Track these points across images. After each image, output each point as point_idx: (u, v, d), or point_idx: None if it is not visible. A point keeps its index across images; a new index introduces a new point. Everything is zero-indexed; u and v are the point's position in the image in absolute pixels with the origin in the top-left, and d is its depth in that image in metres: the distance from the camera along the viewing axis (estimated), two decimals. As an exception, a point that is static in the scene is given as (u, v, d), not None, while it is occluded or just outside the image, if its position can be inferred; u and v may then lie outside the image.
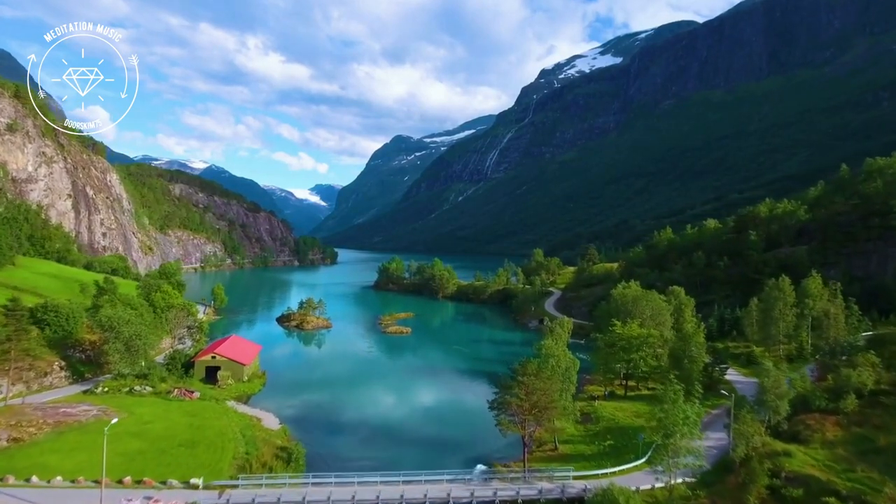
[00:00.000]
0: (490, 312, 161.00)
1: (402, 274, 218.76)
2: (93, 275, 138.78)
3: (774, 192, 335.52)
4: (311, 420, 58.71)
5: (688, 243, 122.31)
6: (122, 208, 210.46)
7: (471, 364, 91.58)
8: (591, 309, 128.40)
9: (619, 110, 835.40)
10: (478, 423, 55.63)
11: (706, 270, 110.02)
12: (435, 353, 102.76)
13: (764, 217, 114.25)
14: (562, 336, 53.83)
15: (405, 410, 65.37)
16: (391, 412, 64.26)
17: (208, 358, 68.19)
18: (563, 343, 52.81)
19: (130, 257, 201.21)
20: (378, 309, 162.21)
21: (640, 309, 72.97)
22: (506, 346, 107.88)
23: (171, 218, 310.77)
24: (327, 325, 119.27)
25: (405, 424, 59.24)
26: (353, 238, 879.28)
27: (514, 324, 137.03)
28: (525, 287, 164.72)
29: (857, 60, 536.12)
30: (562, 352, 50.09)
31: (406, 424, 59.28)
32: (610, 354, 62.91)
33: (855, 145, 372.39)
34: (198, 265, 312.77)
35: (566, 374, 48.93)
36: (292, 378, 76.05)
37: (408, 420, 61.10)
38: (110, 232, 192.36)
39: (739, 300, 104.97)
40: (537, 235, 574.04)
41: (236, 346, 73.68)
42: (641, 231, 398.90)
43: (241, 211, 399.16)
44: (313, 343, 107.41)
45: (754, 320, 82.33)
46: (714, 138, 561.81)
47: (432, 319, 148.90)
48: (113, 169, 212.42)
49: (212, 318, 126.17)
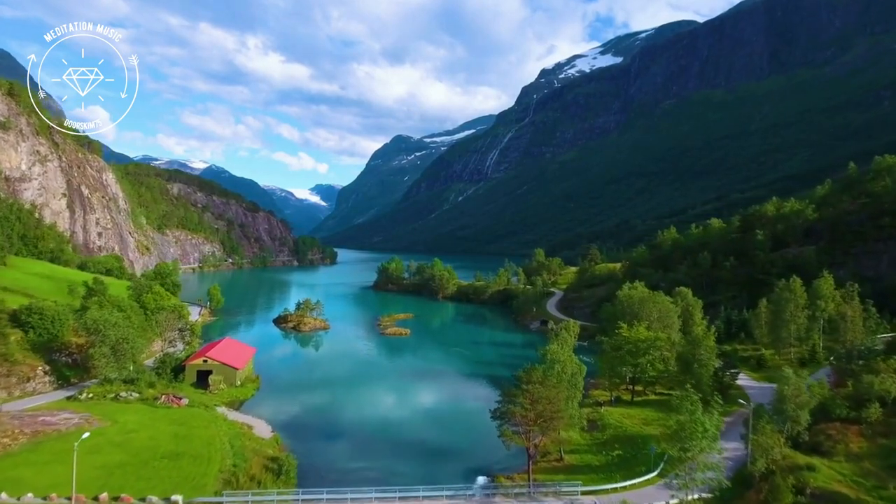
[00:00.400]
0: (490, 313, 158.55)
1: (401, 274, 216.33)
2: (86, 275, 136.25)
3: (776, 191, 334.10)
4: (305, 427, 56.14)
5: (692, 243, 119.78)
6: (118, 208, 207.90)
7: (471, 367, 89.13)
8: (594, 310, 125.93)
9: (619, 110, 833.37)
10: (479, 430, 53.09)
11: (712, 271, 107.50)
12: (434, 355, 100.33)
13: (771, 216, 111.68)
14: (568, 340, 50.90)
15: (403, 416, 62.85)
16: (389, 418, 61.75)
17: (199, 362, 65.66)
18: (570, 348, 50.05)
19: (127, 257, 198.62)
20: (377, 310, 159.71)
21: (646, 311, 70.35)
22: (507, 349, 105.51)
23: (169, 217, 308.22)
24: (325, 327, 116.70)
25: (403, 431, 56.71)
26: (353, 238, 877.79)
27: (515, 325, 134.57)
28: (526, 288, 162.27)
29: (858, 60, 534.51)
30: (568, 357, 47.45)
31: (404, 431, 56.74)
32: (616, 358, 60.33)
33: (856, 145, 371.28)
34: (196, 265, 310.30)
35: (573, 381, 46.41)
36: (287, 382, 73.47)
37: (406, 426, 58.57)
38: (106, 232, 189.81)
39: (746, 301, 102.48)
40: (537, 235, 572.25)
41: (229, 349, 71.10)
42: (642, 231, 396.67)
43: (239, 210, 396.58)
44: (310, 345, 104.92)
45: (763, 322, 79.80)
46: (715, 138, 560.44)
47: (432, 320, 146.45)
48: (109, 168, 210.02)
49: (207, 320, 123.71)
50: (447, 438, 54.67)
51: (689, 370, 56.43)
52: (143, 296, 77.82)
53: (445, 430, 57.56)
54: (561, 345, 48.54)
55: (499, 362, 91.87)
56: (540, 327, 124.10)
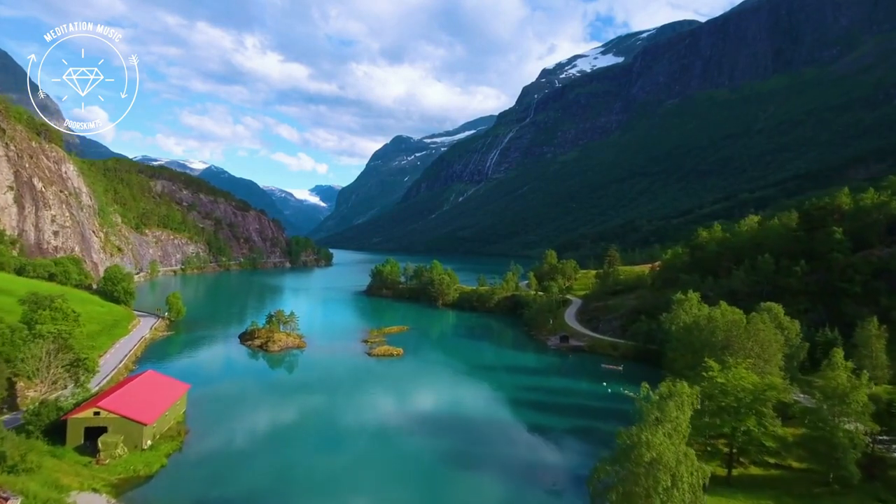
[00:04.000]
0: (498, 324, 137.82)
1: (397, 278, 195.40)
2: (25, 281, 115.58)
3: (788, 191, 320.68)
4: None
5: (744, 243, 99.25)
6: (80, 204, 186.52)
7: (483, 409, 68.08)
8: (625, 324, 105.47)
9: (621, 110, 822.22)
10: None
11: (775, 277, 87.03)
12: (433, 387, 79.14)
13: (848, 210, 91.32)
14: (681, 424, 27.19)
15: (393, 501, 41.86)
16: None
17: (88, 414, 44.54)
18: (682, 436, 26.87)
19: (89, 259, 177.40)
20: (367, 320, 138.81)
21: (738, 341, 49.12)
22: (526, 377, 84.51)
23: (148, 216, 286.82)
24: (299, 345, 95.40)
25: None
26: (353, 239, 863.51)
27: (529, 340, 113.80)
28: (538, 294, 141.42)
29: (866, 58, 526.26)
30: (679, 459, 24.66)
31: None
32: (711, 415, 39.58)
33: (868, 143, 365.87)
34: (178, 267, 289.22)
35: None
36: (224, 439, 51.50)
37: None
38: (64, 230, 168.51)
39: (824, 315, 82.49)
40: (539, 236, 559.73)
41: (141, 391, 49.90)
42: (648, 231, 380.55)
43: (228, 209, 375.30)
44: (276, 371, 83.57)
45: (874, 349, 59.42)
46: (719, 137, 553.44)
47: (430, 334, 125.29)
48: (69, 159, 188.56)
49: (159, 335, 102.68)
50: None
51: (825, 444, 36.05)
52: (38, 315, 56.63)
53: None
54: (669, 433, 25.62)
55: (522, 401, 70.98)
56: (560, 344, 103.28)
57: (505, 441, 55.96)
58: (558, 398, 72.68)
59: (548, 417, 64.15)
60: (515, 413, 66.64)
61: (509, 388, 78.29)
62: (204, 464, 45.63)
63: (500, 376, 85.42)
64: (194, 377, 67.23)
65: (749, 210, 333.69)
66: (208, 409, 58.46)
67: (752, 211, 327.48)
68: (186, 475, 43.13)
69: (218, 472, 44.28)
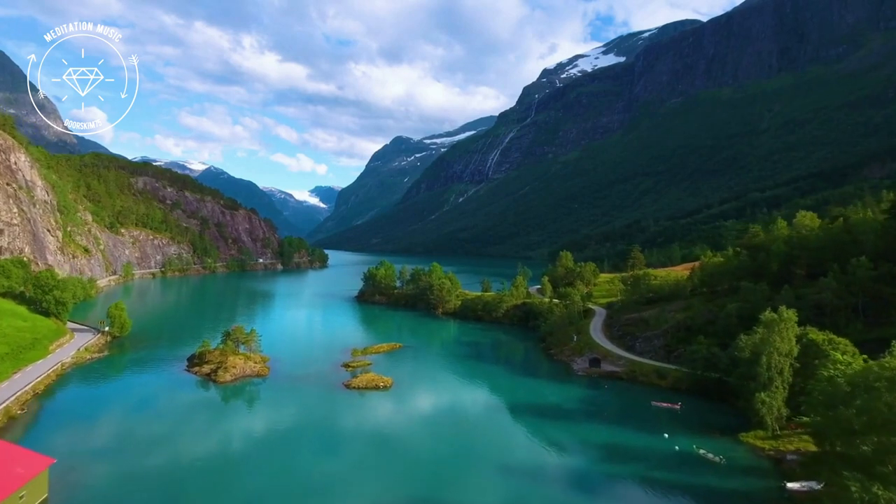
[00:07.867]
0: (508, 338, 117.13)
1: (392, 282, 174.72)
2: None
3: (800, 190, 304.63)
4: None
5: (821, 242, 78.95)
6: (32, 199, 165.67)
7: (491, 485, 47.66)
8: (669, 343, 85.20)
9: (623, 109, 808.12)
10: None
11: (875, 287, 66.97)
12: (428, 447, 55.66)
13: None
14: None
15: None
16: None
17: None
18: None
19: (42, 261, 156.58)
20: (354, 333, 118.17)
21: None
22: (558, 422, 61.91)
23: (125, 215, 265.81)
24: (260, 372, 74.21)
25: None
26: (352, 239, 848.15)
27: (548, 360, 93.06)
28: (553, 302, 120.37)
29: (873, 56, 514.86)
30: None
31: None
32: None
33: (880, 141, 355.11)
34: (157, 270, 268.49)
35: None
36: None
37: None
38: (10, 229, 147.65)
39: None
40: (541, 237, 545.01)
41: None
42: (655, 232, 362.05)
43: (216, 208, 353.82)
44: (219, 418, 60.32)
45: None
46: (724, 137, 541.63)
47: (427, 354, 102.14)
48: (20, 149, 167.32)
49: (88, 358, 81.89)
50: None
51: None
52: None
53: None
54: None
55: (551, 468, 50.28)
56: (590, 369, 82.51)
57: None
58: (603, 461, 51.47)
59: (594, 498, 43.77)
60: (541, 485, 46.03)
61: (533, 440, 56.85)
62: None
63: (518, 420, 64.06)
64: (86, 435, 46.61)
65: (761, 209, 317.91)
66: (84, 497, 37.82)
67: (765, 210, 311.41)
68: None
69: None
